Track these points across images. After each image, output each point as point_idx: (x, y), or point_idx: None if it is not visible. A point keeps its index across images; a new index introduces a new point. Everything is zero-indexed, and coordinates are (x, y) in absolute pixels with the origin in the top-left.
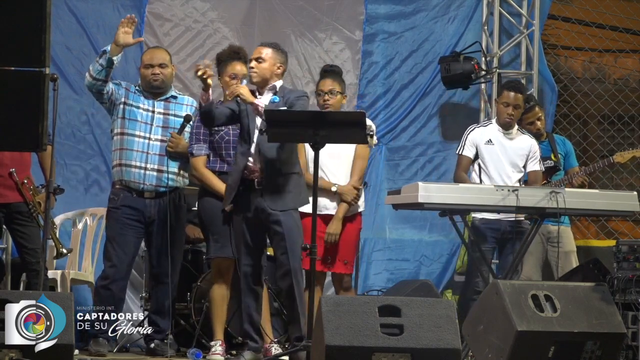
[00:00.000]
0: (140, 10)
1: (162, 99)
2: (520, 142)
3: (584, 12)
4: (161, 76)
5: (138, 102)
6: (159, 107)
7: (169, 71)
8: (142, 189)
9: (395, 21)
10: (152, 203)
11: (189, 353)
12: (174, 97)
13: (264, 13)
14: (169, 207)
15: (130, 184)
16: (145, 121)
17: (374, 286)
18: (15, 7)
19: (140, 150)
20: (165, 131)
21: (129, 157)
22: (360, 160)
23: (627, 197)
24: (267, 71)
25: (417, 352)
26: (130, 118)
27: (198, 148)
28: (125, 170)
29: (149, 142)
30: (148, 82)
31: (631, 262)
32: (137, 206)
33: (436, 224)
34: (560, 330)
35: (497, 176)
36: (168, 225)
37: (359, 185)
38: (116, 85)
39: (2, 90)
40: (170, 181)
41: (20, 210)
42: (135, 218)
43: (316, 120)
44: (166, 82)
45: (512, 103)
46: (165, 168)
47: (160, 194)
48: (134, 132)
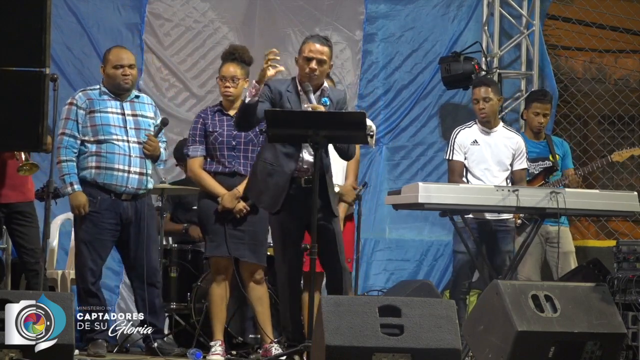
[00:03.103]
0: (140, 10)
1: (128, 100)
2: (506, 139)
3: (585, 12)
4: (131, 77)
5: (106, 106)
6: (127, 108)
7: (136, 72)
8: (122, 192)
9: (395, 21)
10: (129, 205)
11: (189, 353)
12: (137, 96)
13: (264, 13)
14: (144, 207)
15: (111, 186)
16: (120, 124)
17: (374, 286)
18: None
19: (123, 154)
20: (139, 132)
21: (111, 161)
22: (354, 161)
23: (627, 197)
24: (325, 73)
25: (417, 352)
26: (103, 124)
27: (194, 149)
28: (106, 174)
29: (129, 145)
30: (117, 83)
31: (631, 263)
32: (115, 209)
33: (436, 224)
34: (560, 330)
35: (484, 177)
36: (145, 225)
37: (356, 185)
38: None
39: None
40: (148, 183)
41: (21, 210)
42: (114, 221)
43: (316, 120)
44: (134, 82)
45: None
46: (145, 170)
47: (136, 195)
48: (110, 137)
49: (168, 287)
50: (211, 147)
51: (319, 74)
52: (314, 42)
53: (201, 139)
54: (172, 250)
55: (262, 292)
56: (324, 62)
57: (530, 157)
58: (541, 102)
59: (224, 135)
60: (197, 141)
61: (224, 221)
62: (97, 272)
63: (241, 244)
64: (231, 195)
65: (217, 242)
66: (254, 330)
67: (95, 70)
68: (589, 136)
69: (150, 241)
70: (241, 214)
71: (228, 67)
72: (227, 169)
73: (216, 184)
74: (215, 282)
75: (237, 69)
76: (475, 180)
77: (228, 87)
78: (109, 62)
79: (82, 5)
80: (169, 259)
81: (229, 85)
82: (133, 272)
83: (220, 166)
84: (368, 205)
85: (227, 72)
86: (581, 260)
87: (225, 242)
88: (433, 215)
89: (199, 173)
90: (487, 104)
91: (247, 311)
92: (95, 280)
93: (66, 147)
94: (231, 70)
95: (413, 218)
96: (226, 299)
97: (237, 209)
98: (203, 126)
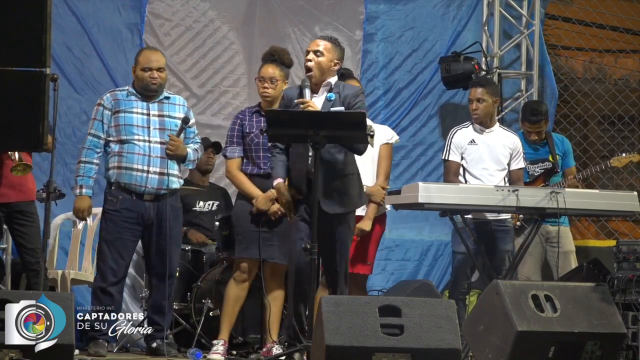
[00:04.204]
0: (140, 10)
1: (156, 101)
2: (503, 138)
3: (585, 12)
4: (159, 80)
5: (131, 106)
6: (153, 109)
7: (165, 75)
8: (143, 192)
9: (395, 21)
10: (152, 205)
11: (189, 353)
12: (167, 97)
13: (264, 13)
14: (167, 208)
15: (131, 187)
16: (143, 125)
17: (374, 286)
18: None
19: (142, 154)
20: (163, 133)
21: (130, 161)
22: (385, 161)
23: (627, 197)
24: (325, 65)
25: (417, 352)
26: (126, 124)
27: (231, 150)
28: (126, 174)
29: (150, 145)
30: (146, 85)
31: (631, 262)
32: (136, 209)
33: (436, 224)
34: (560, 330)
35: (482, 176)
36: (168, 226)
37: (386, 185)
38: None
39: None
40: (171, 183)
41: (21, 210)
42: (134, 221)
43: (317, 120)
44: (163, 86)
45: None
46: (166, 171)
47: (159, 196)
48: (132, 137)
49: None
50: (247, 148)
51: (315, 65)
52: (316, 39)
53: (239, 140)
54: None
55: (278, 292)
56: (320, 52)
57: (530, 158)
58: (532, 122)
59: (260, 137)
60: (235, 142)
61: (258, 223)
62: (119, 272)
63: (270, 246)
64: (265, 197)
65: (247, 244)
66: (255, 330)
67: (95, 70)
68: (589, 136)
69: (172, 242)
70: (276, 216)
71: (267, 68)
72: (262, 170)
73: (252, 186)
74: (235, 282)
75: (276, 71)
76: (473, 180)
77: (267, 88)
78: (138, 64)
79: (82, 5)
80: None
81: (268, 87)
82: (152, 270)
83: (256, 168)
84: None
85: (266, 73)
86: (581, 260)
87: (257, 244)
88: (433, 215)
89: (236, 174)
90: (481, 105)
91: (248, 311)
92: (118, 280)
93: (88, 148)
94: (270, 71)
95: (413, 218)
96: (241, 300)
97: (272, 211)
98: (240, 127)
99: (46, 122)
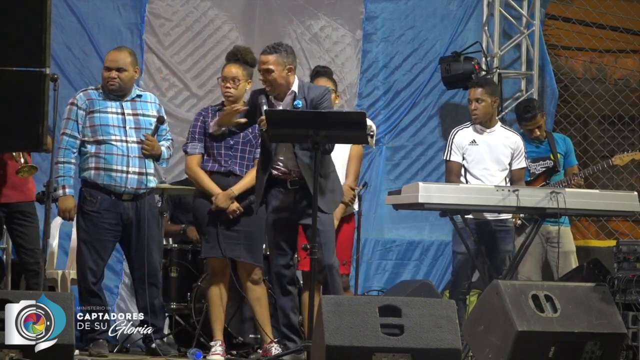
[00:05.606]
0: (140, 10)
1: (129, 100)
2: (504, 138)
3: (585, 12)
4: (118, 81)
5: (105, 106)
6: (127, 108)
7: (128, 75)
8: (122, 192)
9: (395, 20)
10: (130, 205)
11: (189, 353)
12: (139, 95)
13: (264, 12)
14: (144, 207)
15: (111, 187)
16: (119, 124)
17: (374, 286)
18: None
19: (121, 154)
20: (139, 132)
21: (109, 162)
22: (355, 161)
23: (628, 197)
24: (279, 79)
25: (417, 352)
26: (102, 124)
27: (192, 147)
28: (105, 175)
29: (127, 145)
30: (105, 84)
31: (631, 262)
32: (115, 209)
33: (436, 224)
34: (560, 330)
35: (482, 176)
36: (146, 225)
37: (355, 185)
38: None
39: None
40: (149, 182)
41: (21, 210)
42: (114, 222)
43: (317, 120)
44: (124, 87)
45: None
46: (145, 170)
47: (137, 195)
48: (109, 138)
49: (168, 287)
50: (209, 145)
51: (270, 84)
52: (262, 53)
53: (200, 137)
54: (172, 250)
55: (260, 292)
56: (269, 70)
57: (531, 157)
58: (528, 120)
59: (224, 135)
60: (196, 139)
61: (217, 221)
62: (97, 272)
63: (237, 245)
64: (225, 195)
65: (212, 243)
66: (254, 330)
67: (95, 70)
68: (589, 136)
69: (151, 241)
70: (234, 214)
71: (230, 68)
72: (222, 168)
73: (211, 183)
74: (213, 283)
75: (239, 70)
76: (474, 180)
77: (229, 88)
78: (105, 61)
79: (82, 5)
80: (169, 259)
81: (230, 86)
82: (134, 272)
83: (217, 165)
84: (368, 205)
85: (229, 72)
86: (582, 260)
87: (218, 243)
88: (433, 215)
89: (196, 171)
90: (480, 105)
91: (247, 311)
92: (97, 281)
93: (65, 148)
94: (232, 71)
95: (413, 218)
96: (224, 299)
97: (231, 210)
98: (203, 124)
99: (46, 122)
